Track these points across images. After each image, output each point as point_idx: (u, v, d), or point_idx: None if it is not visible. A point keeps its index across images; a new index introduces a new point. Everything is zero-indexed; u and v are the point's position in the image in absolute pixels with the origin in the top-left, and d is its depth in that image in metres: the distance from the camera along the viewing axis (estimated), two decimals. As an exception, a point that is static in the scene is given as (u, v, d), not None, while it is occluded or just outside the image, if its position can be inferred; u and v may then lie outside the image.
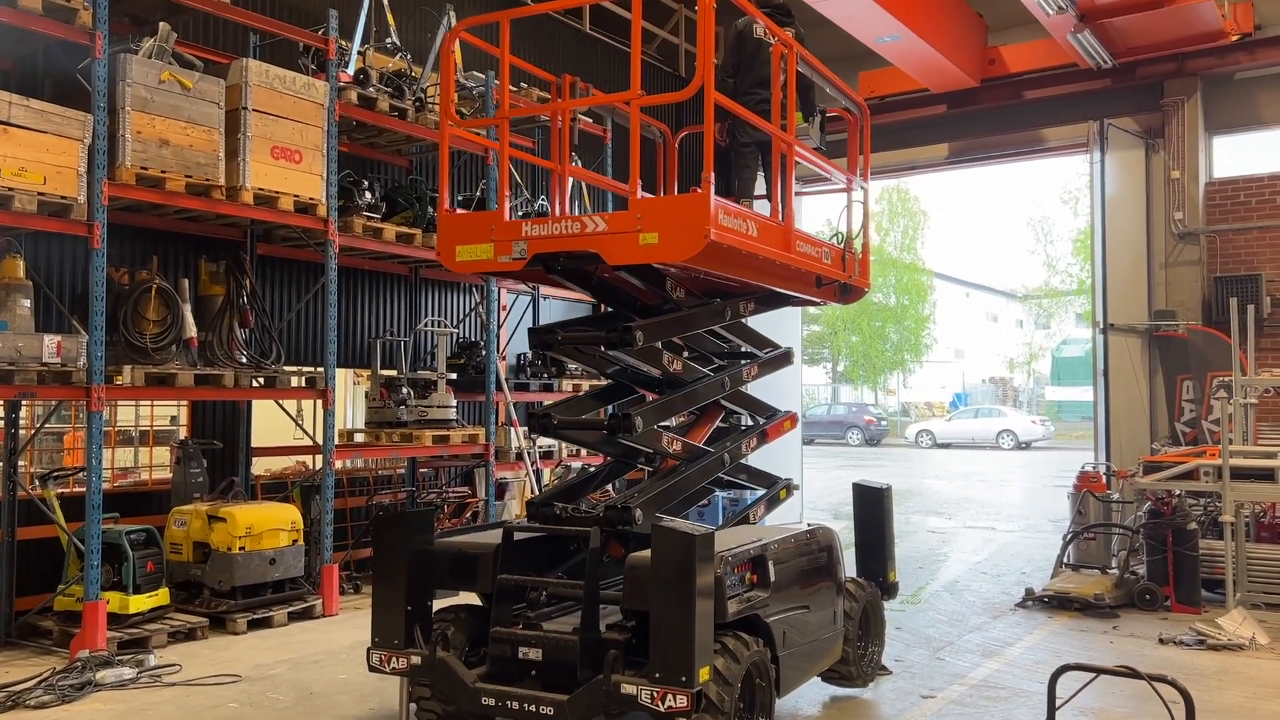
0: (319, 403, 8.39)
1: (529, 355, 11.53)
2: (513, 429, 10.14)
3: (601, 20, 14.30)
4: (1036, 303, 48.68)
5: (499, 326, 10.80)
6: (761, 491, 6.48)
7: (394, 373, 10.01)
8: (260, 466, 9.53)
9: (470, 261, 5.23)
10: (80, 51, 6.97)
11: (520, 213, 10.90)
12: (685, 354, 5.82)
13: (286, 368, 8.44)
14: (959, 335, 55.03)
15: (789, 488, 6.57)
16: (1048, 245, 42.98)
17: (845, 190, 6.67)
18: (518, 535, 5.03)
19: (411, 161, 10.64)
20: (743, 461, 6.25)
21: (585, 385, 11.14)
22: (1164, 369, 12.17)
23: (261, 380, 7.98)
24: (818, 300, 6.57)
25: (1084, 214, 41.63)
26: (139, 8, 7.83)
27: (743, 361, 6.36)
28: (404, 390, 9.69)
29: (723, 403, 6.16)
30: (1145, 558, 8.54)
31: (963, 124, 14.42)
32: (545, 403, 12.81)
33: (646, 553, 4.31)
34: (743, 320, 6.39)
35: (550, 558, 5.22)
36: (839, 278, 6.33)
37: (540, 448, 10.53)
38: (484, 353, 10.49)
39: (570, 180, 8.12)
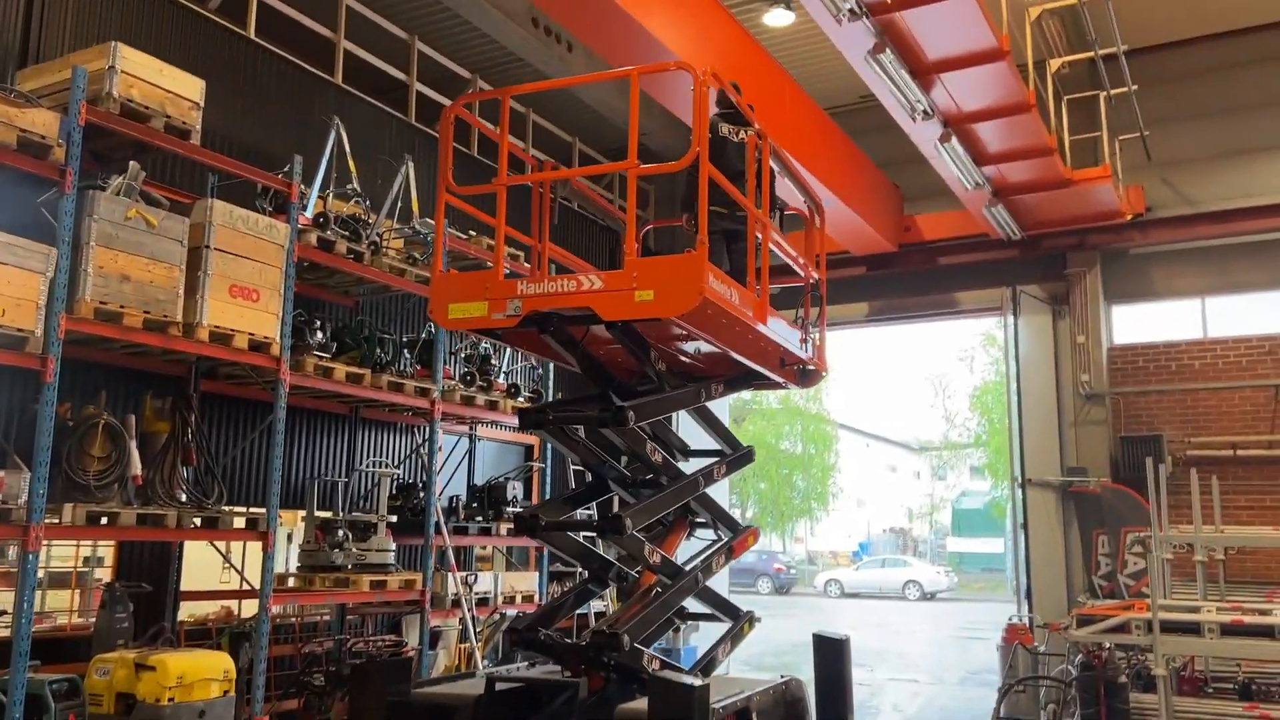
0: (248, 545, 8.15)
1: (463, 498, 11.41)
2: (450, 574, 9.94)
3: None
4: (936, 454, 50.16)
5: (438, 469, 10.70)
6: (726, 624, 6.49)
7: (329, 514, 9.80)
8: (184, 612, 9.11)
9: (463, 319, 5.33)
10: (43, 184, 6.96)
11: (463, 354, 11.00)
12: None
13: (226, 508, 8.20)
14: (861, 485, 56.13)
15: (751, 621, 6.60)
16: (946, 400, 44.74)
17: (804, 280, 7.03)
18: (499, 685, 4.94)
19: (358, 302, 10.70)
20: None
21: (522, 530, 11.05)
22: (1079, 523, 12.69)
23: (199, 521, 7.73)
24: (780, 382, 6.81)
25: (980, 371, 43.70)
26: (104, 145, 7.88)
27: (713, 459, 6.48)
28: (340, 533, 9.46)
29: (691, 504, 6.24)
30: (1079, 710, 8.71)
31: (881, 285, 15.20)
32: (487, 548, 12.70)
33: (638, 704, 4.29)
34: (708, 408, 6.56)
35: (533, 702, 5.13)
36: (801, 360, 6.59)
37: (476, 594, 10.31)
38: (421, 494, 10.39)
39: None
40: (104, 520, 6.94)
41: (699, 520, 6.45)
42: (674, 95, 9.92)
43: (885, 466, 63.02)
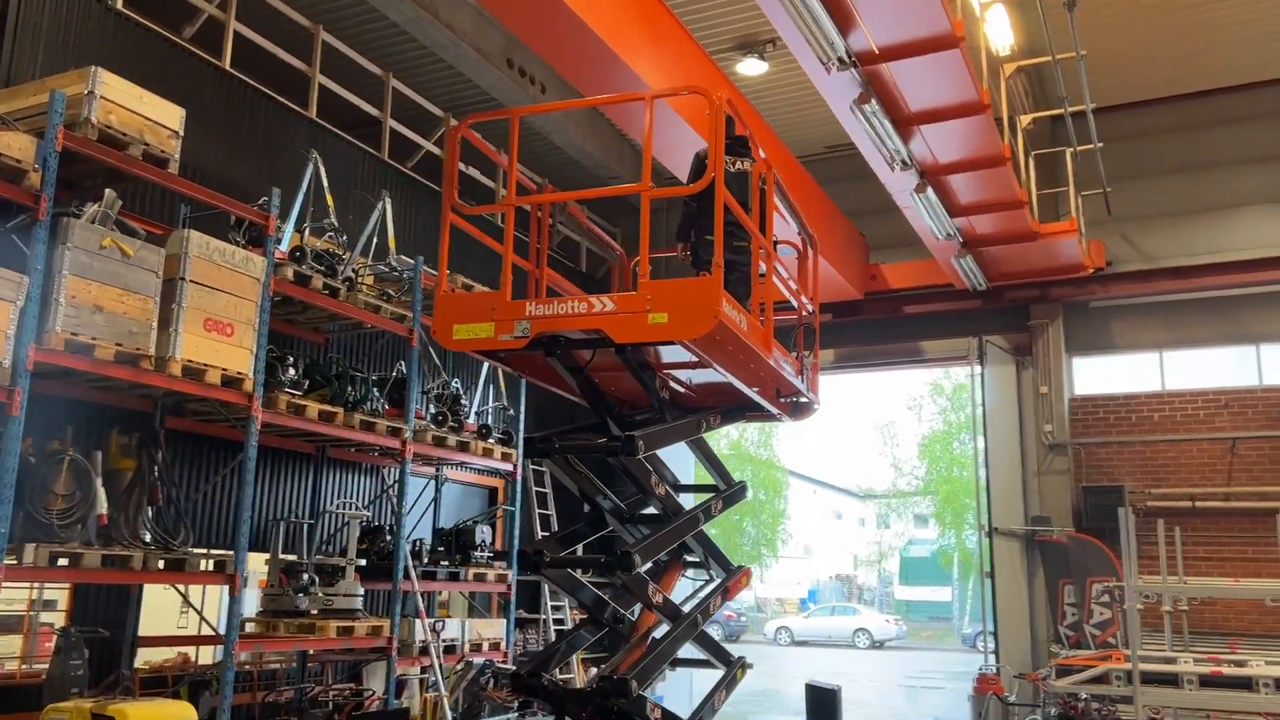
0: (207, 588, 7.82)
1: (427, 541, 11.14)
2: (418, 621, 9.66)
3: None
4: (885, 502, 50.51)
5: (406, 511, 10.45)
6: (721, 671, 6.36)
7: (293, 557, 9.48)
8: (138, 659, 8.71)
9: (468, 340, 5.20)
10: (14, 209, 6.71)
11: (434, 394, 10.81)
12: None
13: (194, 550, 7.89)
14: (808, 532, 56.23)
15: (744, 667, 6.48)
16: (894, 448, 45.16)
17: (797, 312, 7.00)
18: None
19: (328, 339, 10.48)
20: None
21: (490, 573, 10.83)
22: (1045, 573, 12.76)
23: (162, 564, 7.42)
24: (775, 414, 6.74)
25: (927, 420, 44.24)
26: (75, 172, 7.64)
27: (707, 495, 6.38)
28: (306, 576, 9.16)
29: (688, 541, 6.12)
30: (1056, 762, 8.68)
31: (848, 332, 15.30)
32: (444, 593, 12.39)
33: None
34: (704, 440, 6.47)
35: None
36: (798, 391, 6.55)
37: (443, 641, 10.03)
38: (388, 538, 10.14)
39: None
40: (65, 561, 6.62)
41: (692, 559, 6.33)
42: (657, 131, 9.87)
43: (831, 513, 63.31)
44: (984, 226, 11.92)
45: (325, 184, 9.37)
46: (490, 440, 10.97)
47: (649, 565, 5.79)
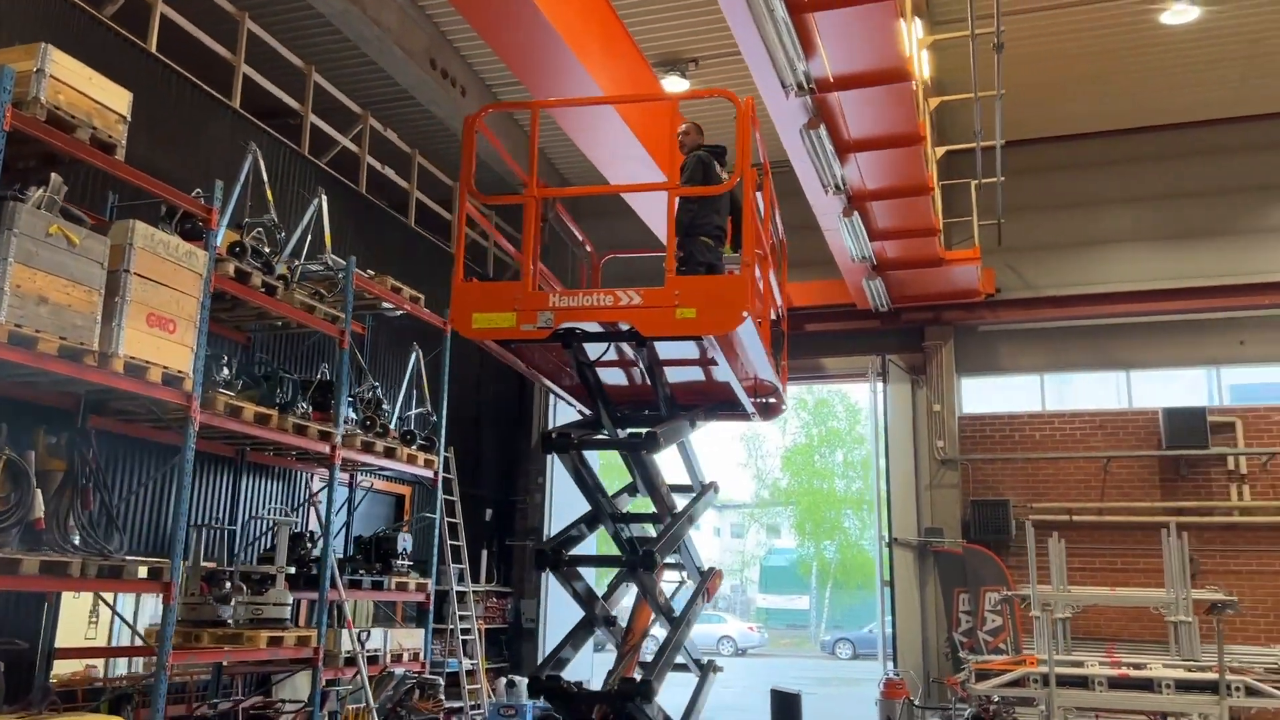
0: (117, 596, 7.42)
1: (350, 550, 10.86)
2: (345, 630, 9.40)
3: (423, 220, 14.63)
4: (748, 512, 51.64)
5: (337, 513, 10.16)
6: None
7: (212, 564, 9.08)
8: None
9: (488, 329, 5.20)
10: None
11: (360, 398, 10.54)
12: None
13: (129, 557, 7.48)
14: (669, 541, 56.90)
15: (715, 669, 6.62)
16: (759, 460, 46.25)
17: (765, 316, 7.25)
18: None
19: (250, 338, 10.10)
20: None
21: (411, 582, 10.64)
22: (941, 582, 13.40)
23: (98, 571, 7.01)
24: (750, 414, 6.93)
25: (791, 433, 45.51)
26: (14, 155, 7.16)
27: (689, 494, 6.50)
28: (228, 585, 8.79)
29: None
30: (971, 762, 9.16)
31: (751, 347, 15.68)
32: (376, 600, 12.06)
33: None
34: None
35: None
36: (772, 391, 6.78)
37: (367, 651, 9.78)
38: (309, 545, 9.86)
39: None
40: (3, 569, 6.18)
41: (670, 560, 6.44)
42: (590, 133, 9.88)
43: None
44: (896, 251, 12.48)
45: (265, 178, 9.05)
46: (413, 447, 10.78)
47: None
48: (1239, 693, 8.07)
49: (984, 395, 15.15)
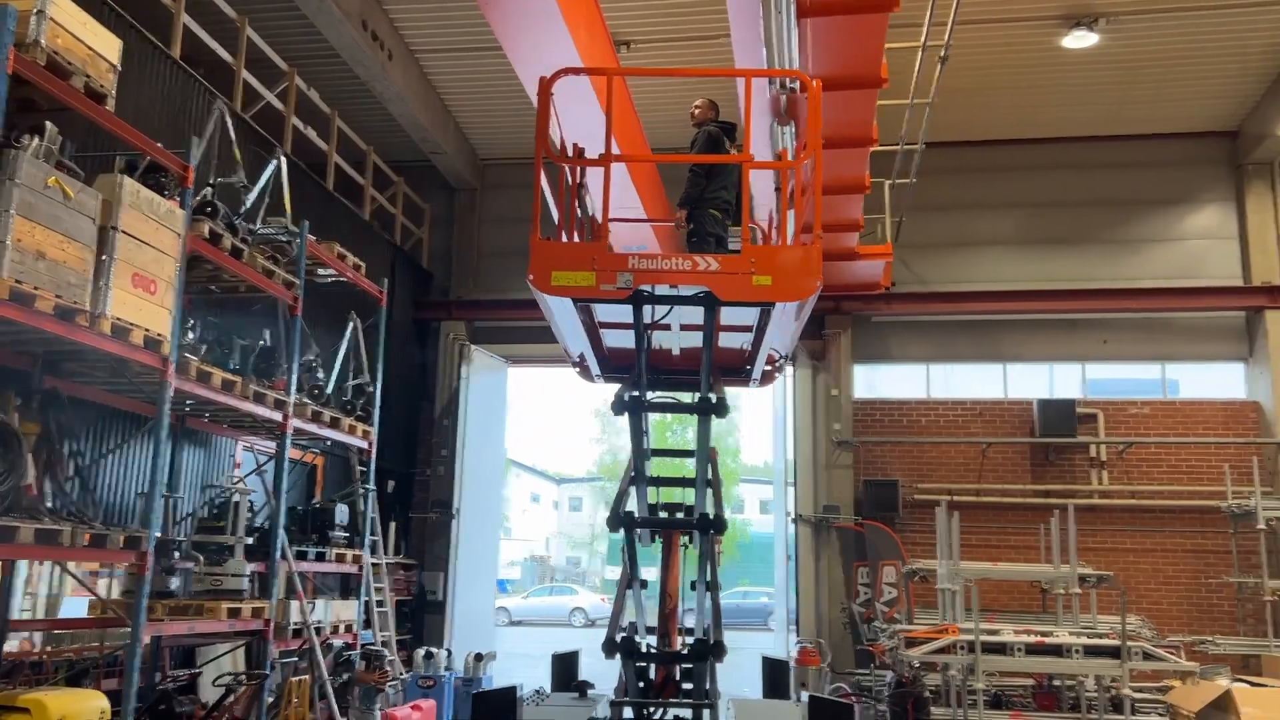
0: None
1: (284, 521, 10.61)
2: (295, 602, 9.24)
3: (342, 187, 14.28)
4: (596, 486, 52.33)
5: (284, 487, 9.92)
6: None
7: (159, 535, 8.74)
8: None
9: (569, 287, 5.36)
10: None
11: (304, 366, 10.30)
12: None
13: (106, 527, 7.17)
14: (509, 514, 57.10)
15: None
16: (615, 435, 46.93)
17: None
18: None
19: (191, 301, 9.69)
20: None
21: (349, 554, 10.55)
22: (842, 556, 14.22)
23: (85, 539, 6.72)
24: (755, 379, 7.36)
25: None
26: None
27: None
28: (176, 555, 8.52)
29: None
30: (891, 724, 9.90)
31: (658, 327, 16.08)
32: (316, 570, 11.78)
33: None
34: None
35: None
36: (778, 359, 7.26)
37: (314, 624, 9.64)
38: (251, 515, 9.62)
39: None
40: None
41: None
42: (566, 111, 9.94)
43: (529, 496, 64.62)
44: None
45: (233, 136, 8.73)
46: (353, 417, 10.65)
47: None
48: (1137, 657, 9.07)
49: (876, 382, 16.08)
